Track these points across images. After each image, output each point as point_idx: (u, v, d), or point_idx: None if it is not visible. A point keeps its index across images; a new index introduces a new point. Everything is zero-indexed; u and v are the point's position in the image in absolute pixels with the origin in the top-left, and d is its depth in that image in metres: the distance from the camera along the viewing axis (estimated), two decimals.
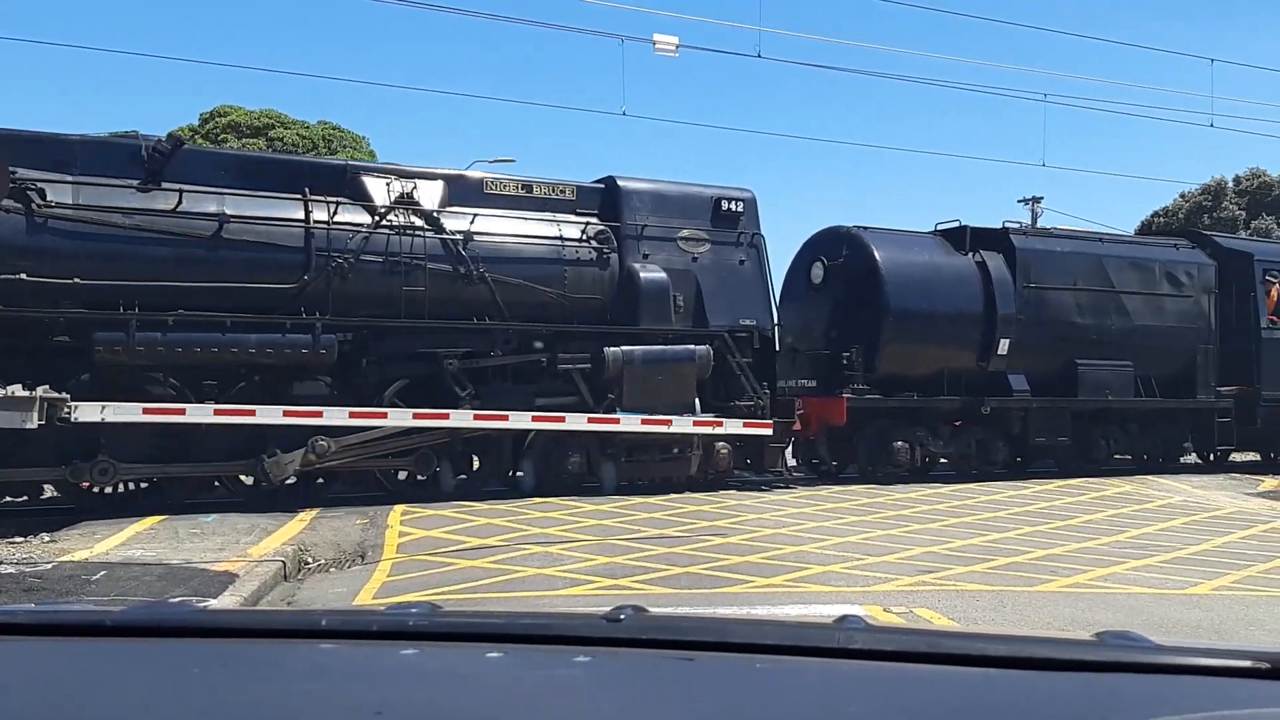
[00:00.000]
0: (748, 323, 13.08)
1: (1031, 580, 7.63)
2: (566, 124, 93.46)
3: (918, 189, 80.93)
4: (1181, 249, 16.86)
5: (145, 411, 10.05)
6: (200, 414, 10.29)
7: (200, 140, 29.54)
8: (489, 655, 1.21)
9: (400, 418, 11.11)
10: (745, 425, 12.55)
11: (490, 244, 11.91)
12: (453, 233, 11.75)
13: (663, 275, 12.63)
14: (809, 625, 1.46)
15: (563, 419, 11.77)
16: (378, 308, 11.33)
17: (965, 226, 15.09)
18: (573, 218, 12.61)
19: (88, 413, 9.74)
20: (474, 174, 13.04)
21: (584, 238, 12.44)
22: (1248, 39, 72.41)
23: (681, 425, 12.29)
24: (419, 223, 11.62)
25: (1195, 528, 10.56)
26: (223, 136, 29.57)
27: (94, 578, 7.07)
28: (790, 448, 14.18)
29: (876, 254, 14.35)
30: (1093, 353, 15.26)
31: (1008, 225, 15.60)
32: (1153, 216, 38.02)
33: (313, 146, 29.35)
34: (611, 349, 12.15)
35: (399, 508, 10.70)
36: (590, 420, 11.86)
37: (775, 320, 13.49)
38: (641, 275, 12.54)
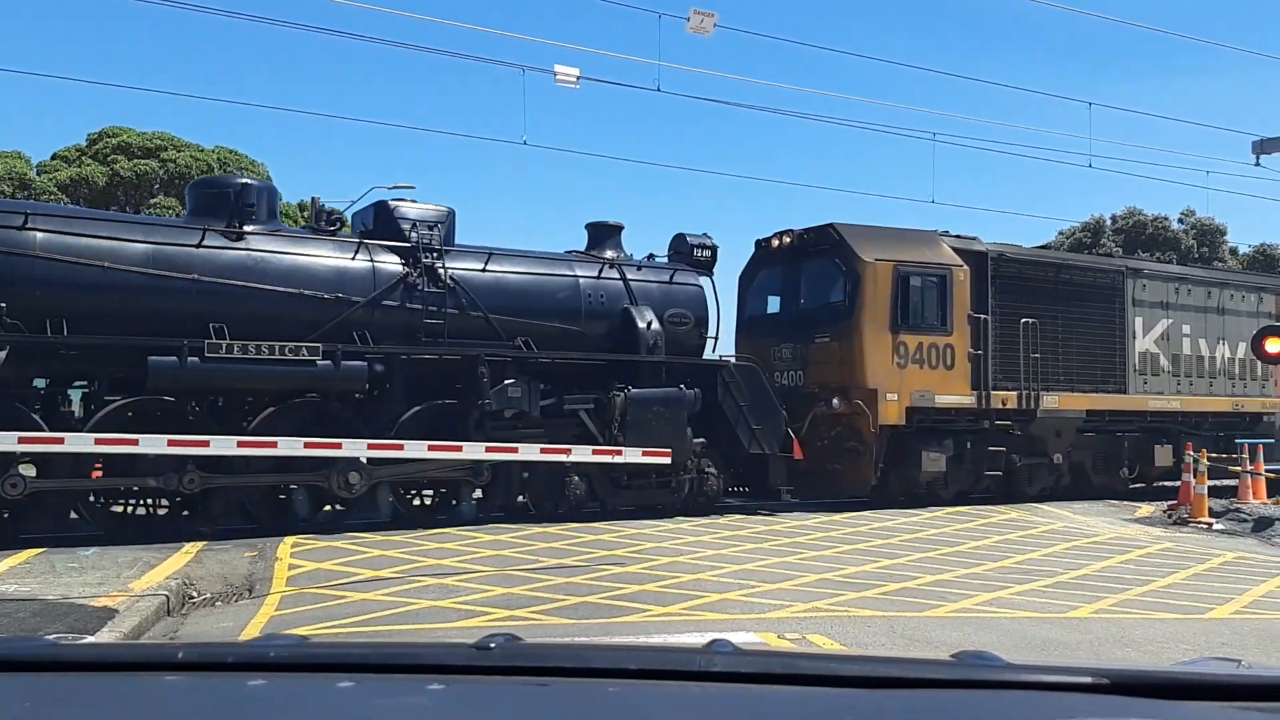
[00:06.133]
0: None
1: (921, 606, 7.80)
2: (468, 152, 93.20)
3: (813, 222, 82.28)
4: None
5: None
6: None
7: (87, 160, 28.63)
8: (339, 685, 1.19)
9: None
10: None
11: None
12: None
13: None
14: (672, 650, 1.48)
15: None
16: None
17: None
18: None
19: None
20: None
21: None
22: (1123, 84, 76.04)
23: None
24: None
25: (1076, 553, 10.92)
26: (113, 157, 28.68)
27: None
28: None
29: None
30: None
31: None
32: None
33: (208, 169, 28.66)
34: None
35: (289, 539, 10.44)
36: None
37: None
38: None
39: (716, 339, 14.28)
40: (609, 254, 13.76)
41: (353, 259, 11.97)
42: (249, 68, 65.11)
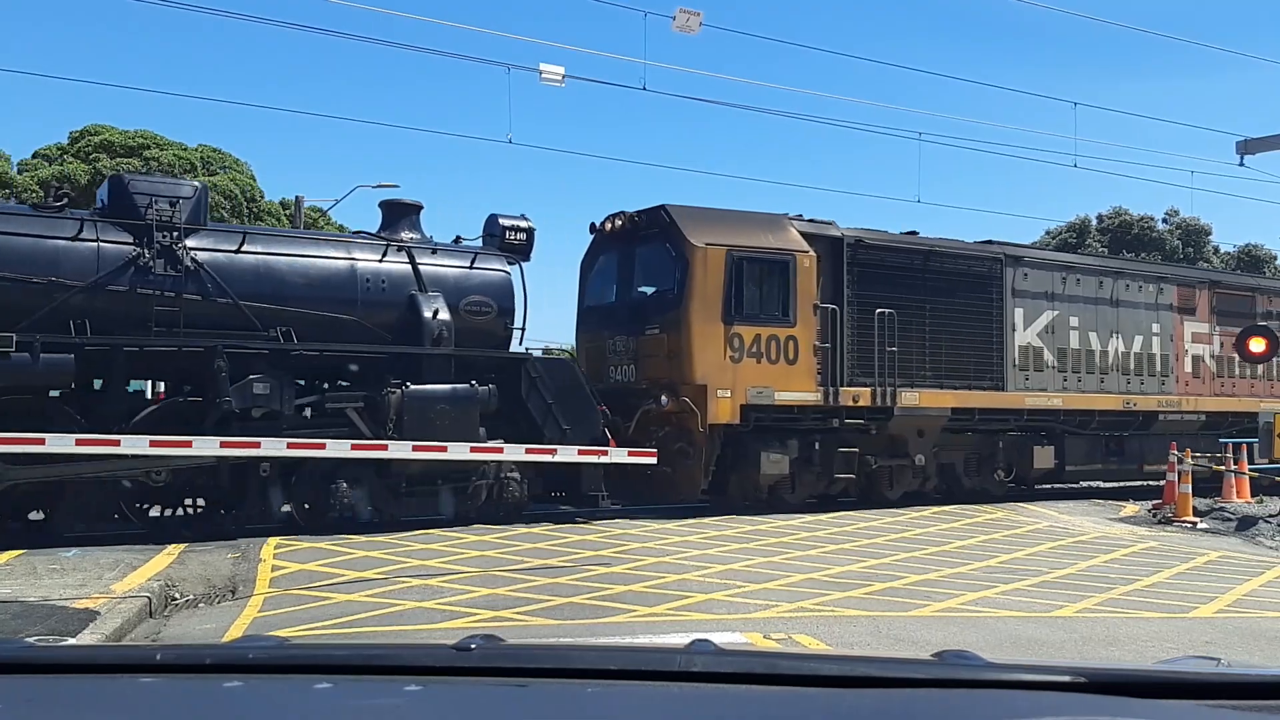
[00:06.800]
0: None
1: (907, 605, 7.81)
2: (453, 151, 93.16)
3: None
4: None
5: None
6: None
7: (70, 159, 28.48)
8: (316, 686, 1.18)
9: None
10: None
11: None
12: None
13: None
14: (653, 650, 1.47)
15: None
16: None
17: None
18: None
19: None
20: None
21: None
22: (1109, 84, 76.50)
23: None
24: None
25: (1061, 552, 10.95)
26: (95, 156, 28.53)
27: None
28: None
29: None
30: None
31: None
32: None
33: (191, 168, 28.53)
34: None
35: (273, 540, 10.39)
36: None
37: None
38: None
39: (524, 330, 12.93)
40: (405, 235, 12.41)
41: (74, 239, 10.43)
42: (234, 66, 64.97)
